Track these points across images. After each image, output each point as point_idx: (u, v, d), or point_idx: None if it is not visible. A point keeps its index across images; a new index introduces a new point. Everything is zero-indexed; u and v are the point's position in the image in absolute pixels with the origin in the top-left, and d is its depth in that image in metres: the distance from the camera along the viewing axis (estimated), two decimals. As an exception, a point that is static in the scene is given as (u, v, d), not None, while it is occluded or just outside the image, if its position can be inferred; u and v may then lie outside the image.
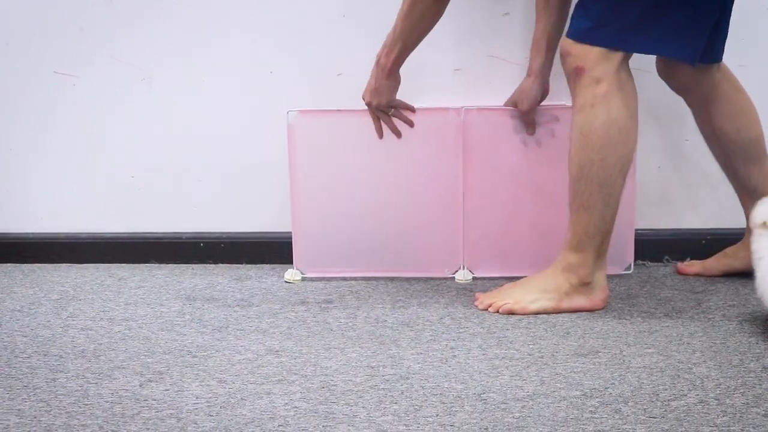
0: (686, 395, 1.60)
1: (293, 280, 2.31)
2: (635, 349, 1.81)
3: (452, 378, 1.69)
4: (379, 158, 2.29)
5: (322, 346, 1.87)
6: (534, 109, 2.22)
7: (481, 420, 1.52)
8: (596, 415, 1.53)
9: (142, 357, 1.83)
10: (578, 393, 1.62)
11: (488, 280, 2.28)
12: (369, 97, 2.21)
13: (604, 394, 1.61)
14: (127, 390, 1.67)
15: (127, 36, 2.43)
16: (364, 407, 1.58)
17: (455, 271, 2.31)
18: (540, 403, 1.58)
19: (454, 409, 1.56)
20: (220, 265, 2.48)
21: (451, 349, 1.84)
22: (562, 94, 2.15)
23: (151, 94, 2.45)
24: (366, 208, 2.31)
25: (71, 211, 2.53)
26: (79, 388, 1.69)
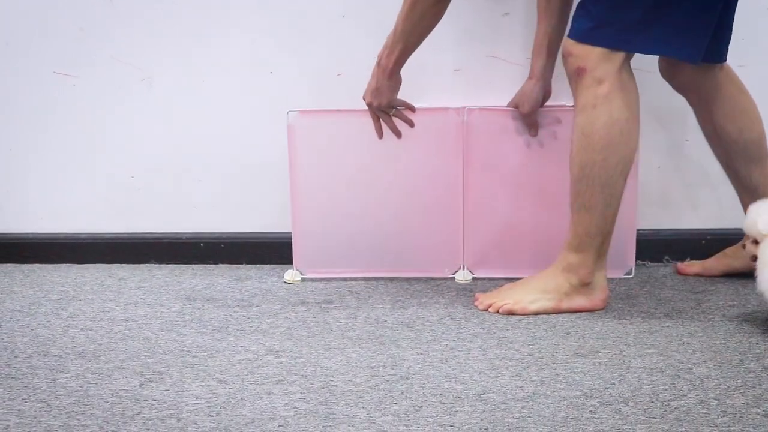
0: (686, 395, 1.60)
1: (293, 281, 2.31)
2: (635, 350, 1.81)
3: (452, 378, 1.69)
4: (380, 158, 2.29)
5: (322, 347, 1.87)
6: (535, 111, 2.22)
7: (481, 420, 1.52)
8: (596, 416, 1.53)
9: (142, 357, 1.83)
10: (578, 393, 1.62)
11: (489, 280, 2.28)
12: (370, 97, 2.21)
13: (604, 394, 1.61)
14: (127, 390, 1.67)
15: (127, 36, 2.43)
16: (364, 407, 1.58)
17: (455, 272, 2.31)
18: (540, 404, 1.58)
19: (454, 410, 1.56)
20: (220, 266, 2.48)
21: (451, 349, 1.84)
22: (564, 96, 2.15)
23: (151, 94, 2.45)
24: (366, 209, 2.31)
25: (71, 211, 2.53)
26: (79, 389, 1.69)
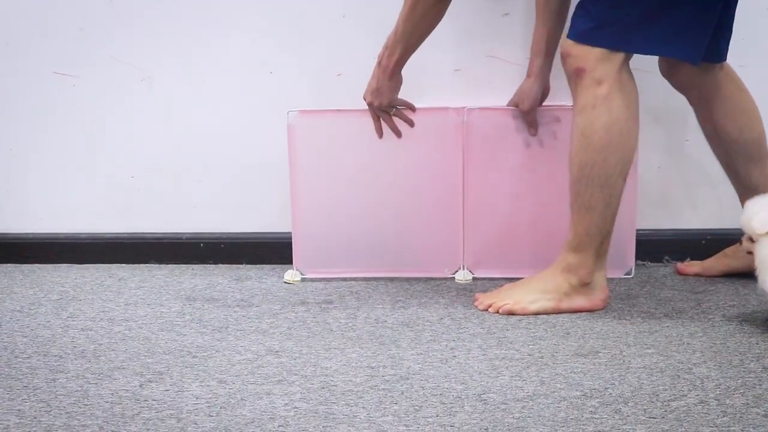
0: (686, 395, 1.60)
1: (293, 281, 2.31)
2: (635, 350, 1.81)
3: (452, 378, 1.69)
4: (380, 158, 2.29)
5: (322, 347, 1.87)
6: (535, 109, 2.22)
7: (481, 420, 1.52)
8: (596, 416, 1.53)
9: (142, 357, 1.83)
10: (578, 393, 1.62)
11: (489, 280, 2.28)
12: (370, 97, 2.21)
13: (604, 394, 1.61)
14: (127, 390, 1.67)
15: (127, 36, 2.43)
16: (364, 408, 1.58)
17: (455, 272, 2.31)
18: (540, 404, 1.58)
19: (454, 410, 1.56)
20: (220, 266, 2.48)
21: (451, 349, 1.84)
22: (562, 95, 2.15)
23: (151, 94, 2.45)
24: (366, 209, 2.31)
25: (71, 211, 2.53)
26: (79, 389, 1.69)
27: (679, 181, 2.41)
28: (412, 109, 2.26)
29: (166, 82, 2.44)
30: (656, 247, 2.39)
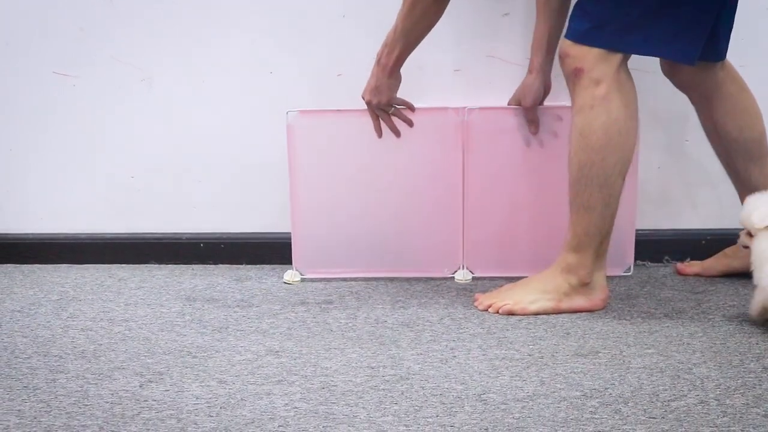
0: (686, 396, 1.60)
1: (292, 281, 2.31)
2: (635, 350, 1.81)
3: (452, 378, 1.69)
4: (379, 158, 2.28)
5: (322, 347, 1.87)
6: (537, 106, 2.22)
7: (482, 420, 1.52)
8: (596, 416, 1.53)
9: (142, 357, 1.83)
10: (578, 393, 1.62)
11: (488, 280, 2.28)
12: (369, 95, 2.21)
13: (604, 394, 1.61)
14: (127, 391, 1.67)
15: (127, 36, 2.43)
16: (364, 408, 1.58)
17: (455, 271, 2.31)
18: (540, 404, 1.58)
19: (454, 410, 1.56)
20: (220, 266, 2.48)
21: (451, 349, 1.84)
22: (564, 95, 2.15)
23: (151, 94, 2.45)
24: (366, 209, 2.31)
25: (71, 211, 2.53)
26: (79, 389, 1.69)
27: (679, 181, 2.41)
28: (412, 108, 2.26)
29: (166, 82, 2.44)
30: (656, 247, 2.39)
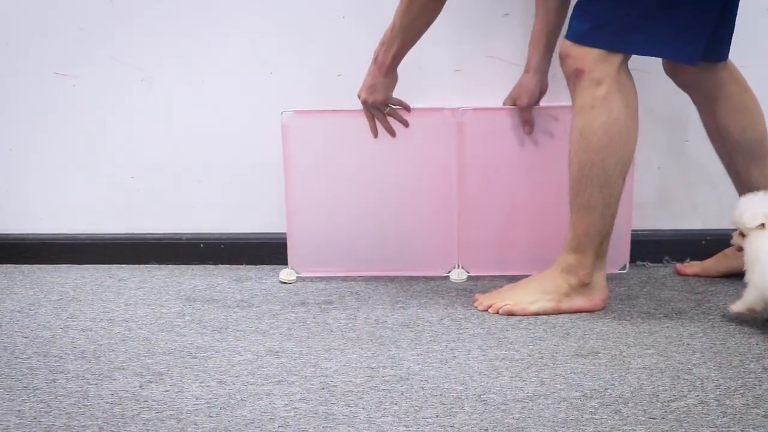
0: (686, 396, 1.60)
1: (288, 280, 2.31)
2: (635, 350, 1.81)
3: (452, 379, 1.69)
4: (374, 158, 2.28)
5: (322, 347, 1.87)
6: (533, 105, 2.22)
7: (481, 421, 1.52)
8: (596, 416, 1.53)
9: (142, 358, 1.83)
10: (578, 394, 1.62)
11: (488, 279, 2.27)
12: (365, 94, 2.21)
13: (604, 395, 1.61)
14: (127, 391, 1.67)
15: (127, 36, 2.43)
16: (364, 408, 1.58)
17: (450, 270, 2.31)
18: (540, 404, 1.58)
19: (454, 410, 1.56)
20: (220, 266, 2.48)
21: (451, 350, 1.84)
22: (561, 95, 2.15)
23: (151, 94, 2.45)
24: (361, 208, 2.31)
25: (71, 211, 2.53)
26: (79, 389, 1.69)
27: (679, 181, 2.41)
28: (407, 109, 2.26)
29: (166, 82, 2.44)
30: (656, 248, 2.39)
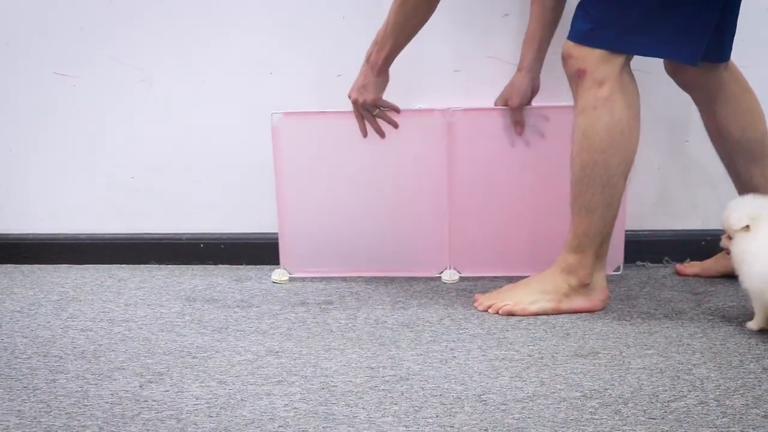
0: (686, 396, 1.60)
1: (280, 281, 2.31)
2: (635, 351, 1.81)
3: (452, 379, 1.69)
4: (365, 159, 2.28)
5: (322, 347, 1.87)
6: (524, 106, 2.21)
7: (481, 421, 1.52)
8: (596, 416, 1.53)
9: (142, 358, 1.83)
10: (578, 394, 1.62)
11: (488, 280, 2.27)
12: (356, 93, 2.20)
13: (604, 395, 1.61)
14: (127, 391, 1.67)
15: (127, 36, 2.43)
16: (364, 408, 1.58)
17: (442, 271, 2.31)
18: (540, 404, 1.58)
19: (454, 410, 1.56)
20: (220, 266, 2.48)
21: (451, 350, 1.84)
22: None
23: (151, 94, 2.45)
24: (352, 209, 2.30)
25: (71, 211, 2.54)
26: (79, 389, 1.69)
27: (679, 181, 2.41)
28: (397, 110, 2.25)
29: (166, 82, 2.45)
30: (656, 248, 2.39)
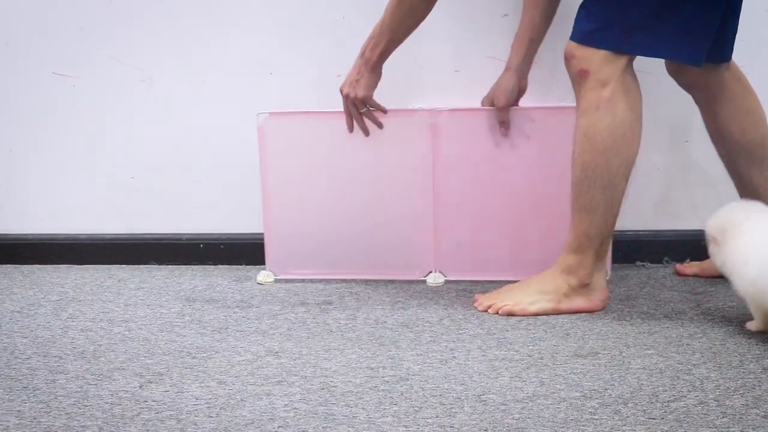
0: (686, 396, 1.60)
1: (265, 282, 2.31)
2: (635, 351, 1.81)
3: (452, 379, 1.69)
4: (350, 160, 2.27)
5: (322, 348, 1.87)
6: (510, 106, 2.20)
7: (481, 421, 1.52)
8: (596, 417, 1.53)
9: (142, 358, 1.83)
10: (578, 394, 1.62)
11: (488, 283, 2.27)
12: (347, 88, 2.19)
13: (604, 395, 1.61)
14: (127, 391, 1.67)
15: (127, 36, 2.43)
16: (363, 408, 1.58)
17: (427, 274, 2.30)
18: (540, 405, 1.58)
19: (453, 411, 1.56)
20: (220, 266, 2.48)
21: (451, 350, 1.84)
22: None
23: (151, 94, 2.45)
24: (338, 210, 2.29)
25: (71, 211, 2.54)
26: (79, 390, 1.69)
27: (679, 182, 2.41)
28: (384, 111, 2.24)
29: (166, 82, 2.45)
30: (656, 248, 2.39)
